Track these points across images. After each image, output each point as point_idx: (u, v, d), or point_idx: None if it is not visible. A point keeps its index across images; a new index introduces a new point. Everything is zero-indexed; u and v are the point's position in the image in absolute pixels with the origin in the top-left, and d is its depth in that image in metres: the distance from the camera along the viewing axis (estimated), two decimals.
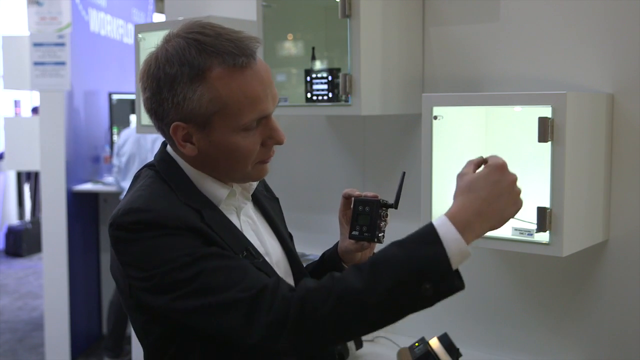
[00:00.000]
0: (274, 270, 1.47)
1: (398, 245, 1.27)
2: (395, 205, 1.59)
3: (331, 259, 1.71)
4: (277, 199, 1.72)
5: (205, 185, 1.45)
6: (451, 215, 1.26)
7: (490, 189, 1.27)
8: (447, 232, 1.23)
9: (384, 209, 1.59)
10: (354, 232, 1.58)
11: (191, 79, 1.33)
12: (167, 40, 1.40)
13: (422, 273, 1.22)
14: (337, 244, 1.72)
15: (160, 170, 1.46)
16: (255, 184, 1.55)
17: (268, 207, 1.64)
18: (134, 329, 1.48)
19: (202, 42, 1.34)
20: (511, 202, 1.30)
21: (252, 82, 1.36)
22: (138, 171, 1.53)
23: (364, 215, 1.57)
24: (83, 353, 5.35)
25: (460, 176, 1.34)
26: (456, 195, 1.30)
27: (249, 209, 1.57)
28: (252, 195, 1.58)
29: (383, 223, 1.60)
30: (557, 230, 1.94)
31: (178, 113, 1.35)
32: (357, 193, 1.64)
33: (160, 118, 1.39)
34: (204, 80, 1.33)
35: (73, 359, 5.18)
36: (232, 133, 1.37)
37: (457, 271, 1.27)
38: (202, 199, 1.44)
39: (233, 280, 1.29)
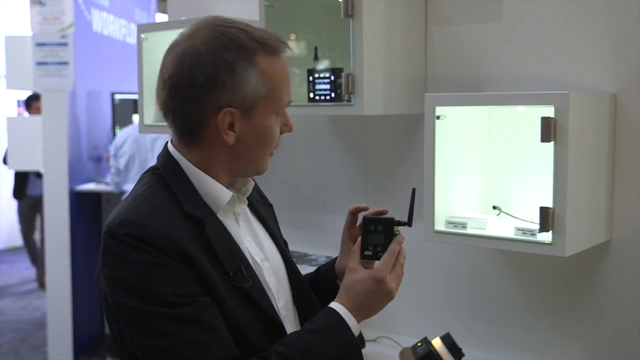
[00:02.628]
0: (264, 291, 1.46)
1: (315, 335, 1.41)
2: (409, 223, 1.56)
3: (326, 275, 1.71)
4: (271, 205, 1.71)
5: (208, 188, 1.45)
6: (346, 306, 1.46)
7: (365, 296, 1.46)
8: (350, 320, 1.44)
9: (396, 227, 1.55)
10: (366, 252, 1.53)
11: (248, 62, 1.38)
12: (193, 34, 1.40)
13: (341, 357, 1.42)
14: (333, 260, 1.72)
15: (165, 174, 1.45)
16: (251, 189, 1.55)
17: (263, 213, 1.64)
18: (113, 338, 1.48)
19: (246, 30, 1.40)
20: (385, 302, 1.49)
21: (285, 68, 1.45)
22: (142, 174, 1.51)
23: (377, 234, 1.54)
24: (86, 353, 5.35)
25: (350, 270, 1.50)
26: (342, 289, 1.49)
27: (246, 214, 1.57)
28: (247, 202, 1.58)
29: None
30: (560, 230, 1.94)
31: (232, 97, 1.38)
32: (365, 208, 1.65)
33: (204, 107, 1.39)
34: (255, 65, 1.39)
35: (76, 359, 5.19)
36: (269, 117, 1.44)
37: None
38: (204, 206, 1.43)
39: (194, 358, 1.32)
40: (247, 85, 1.38)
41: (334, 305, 1.46)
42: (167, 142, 1.51)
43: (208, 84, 1.38)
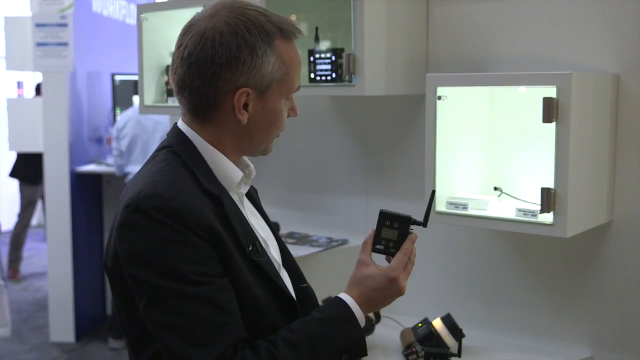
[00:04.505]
0: (275, 270, 1.50)
1: (323, 324, 1.45)
2: (424, 224, 1.57)
3: None
4: (256, 190, 1.73)
5: (222, 166, 1.47)
6: (355, 299, 1.50)
7: (378, 294, 1.51)
8: (357, 312, 1.48)
9: (411, 225, 1.55)
10: (378, 247, 1.54)
11: (268, 45, 1.42)
12: (214, 14, 1.42)
13: (346, 347, 1.46)
14: None
15: (180, 151, 1.47)
16: (254, 172, 1.59)
17: (255, 196, 1.67)
18: (120, 319, 1.48)
19: (265, 14, 1.44)
20: (394, 299, 1.53)
21: (297, 53, 1.50)
22: (154, 152, 1.52)
23: (391, 230, 1.54)
24: (87, 333, 5.38)
25: (362, 263, 1.52)
26: (353, 281, 1.52)
27: (243, 196, 1.59)
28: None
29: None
30: (561, 211, 1.94)
31: (249, 78, 1.42)
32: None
33: (221, 86, 1.42)
34: (274, 48, 1.43)
35: (77, 340, 5.21)
36: (280, 100, 1.47)
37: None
38: (218, 184, 1.46)
39: (207, 338, 1.33)
40: (265, 68, 1.42)
41: (343, 296, 1.49)
42: (176, 122, 1.52)
43: (228, 63, 1.40)
